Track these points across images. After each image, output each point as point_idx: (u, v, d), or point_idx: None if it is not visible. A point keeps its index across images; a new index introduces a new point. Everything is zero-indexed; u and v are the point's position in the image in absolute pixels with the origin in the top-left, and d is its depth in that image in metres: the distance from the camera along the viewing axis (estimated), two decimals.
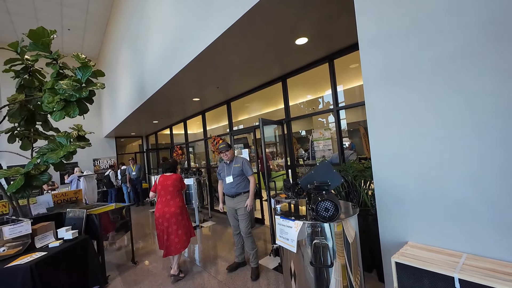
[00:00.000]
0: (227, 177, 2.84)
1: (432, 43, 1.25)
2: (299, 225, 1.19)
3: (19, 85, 3.49)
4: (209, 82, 4.01)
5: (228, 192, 2.86)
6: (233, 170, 2.83)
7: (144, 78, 4.85)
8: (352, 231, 1.33)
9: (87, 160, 8.91)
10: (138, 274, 3.08)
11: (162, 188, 3.01)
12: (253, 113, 8.08)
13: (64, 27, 7.17)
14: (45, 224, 2.72)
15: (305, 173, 1.58)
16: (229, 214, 2.93)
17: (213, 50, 2.80)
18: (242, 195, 2.82)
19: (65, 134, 3.35)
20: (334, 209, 1.21)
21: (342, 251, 1.26)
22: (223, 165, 2.97)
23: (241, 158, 2.91)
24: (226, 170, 2.88)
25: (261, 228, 4.48)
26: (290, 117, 3.99)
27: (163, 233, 2.91)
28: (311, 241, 1.26)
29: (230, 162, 2.89)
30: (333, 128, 8.70)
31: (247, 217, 2.81)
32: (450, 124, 1.20)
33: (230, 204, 2.87)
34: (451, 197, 1.19)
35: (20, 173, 2.91)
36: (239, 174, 2.81)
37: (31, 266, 2.14)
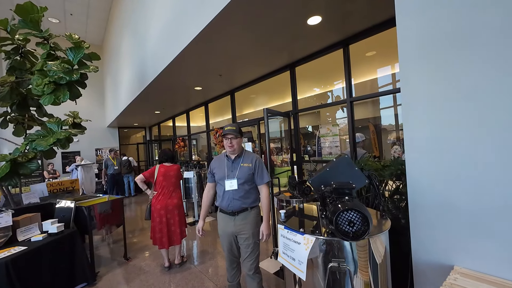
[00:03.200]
0: (228, 181, 1.80)
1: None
2: (310, 242, 0.86)
3: (9, 66, 3.28)
4: (210, 69, 3.73)
5: (227, 206, 1.81)
6: (239, 171, 1.81)
7: (144, 64, 4.60)
8: (382, 249, 0.97)
9: (89, 149, 8.81)
10: (130, 271, 2.89)
11: (165, 179, 2.80)
12: (258, 107, 7.76)
13: (67, 11, 6.95)
14: (30, 216, 2.53)
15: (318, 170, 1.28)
16: (224, 237, 1.89)
17: (212, 32, 2.51)
18: (249, 213, 1.83)
19: (56, 120, 3.14)
20: (362, 223, 0.84)
21: (367, 278, 0.91)
22: (221, 160, 1.91)
23: (254, 154, 1.93)
24: (227, 170, 1.85)
25: None
26: (298, 109, 3.68)
27: (163, 225, 2.76)
28: (325, 264, 0.91)
29: (236, 158, 1.86)
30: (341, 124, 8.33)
31: (256, 248, 1.85)
32: None
33: (228, 227, 1.84)
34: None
35: (6, 159, 2.72)
36: (248, 178, 1.81)
37: (6, 263, 1.94)
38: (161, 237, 2.78)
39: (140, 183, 2.86)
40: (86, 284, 2.59)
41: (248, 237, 1.81)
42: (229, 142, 1.82)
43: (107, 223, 3.15)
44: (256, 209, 1.90)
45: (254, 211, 1.88)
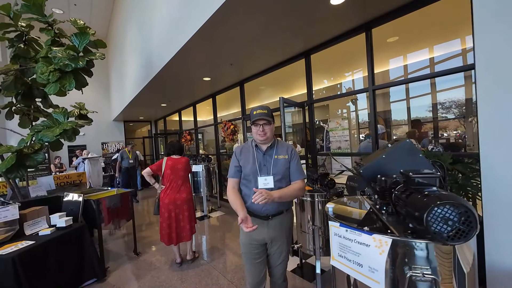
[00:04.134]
0: (261, 177, 1.45)
1: None
2: (386, 245, 0.66)
3: (13, 54, 3.15)
4: (221, 58, 3.54)
5: (260, 209, 1.46)
6: (275, 165, 1.47)
7: (150, 54, 4.44)
8: (470, 256, 0.77)
9: (96, 143, 8.77)
10: (140, 267, 2.79)
11: (172, 173, 2.67)
12: (265, 100, 7.57)
13: (71, 2, 6.79)
14: (37, 209, 2.43)
15: (367, 159, 1.09)
16: (251, 247, 1.52)
17: (223, 15, 2.32)
18: (285, 216, 1.53)
19: (62, 111, 3.01)
20: (463, 221, 0.61)
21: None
22: (248, 151, 1.54)
23: (288, 144, 1.61)
24: (259, 163, 1.49)
25: None
26: (313, 99, 3.49)
27: (172, 221, 2.65)
28: (400, 272, 0.71)
29: (269, 149, 1.51)
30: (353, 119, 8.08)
31: (287, 254, 1.59)
32: None
33: (260, 234, 1.48)
34: None
35: (12, 150, 2.61)
36: (285, 174, 1.49)
37: (13, 258, 1.84)
38: (170, 232, 2.66)
39: (147, 176, 2.74)
40: (96, 280, 2.50)
41: (282, 244, 1.53)
42: (260, 129, 1.43)
43: (116, 217, 3.05)
44: (291, 211, 1.61)
45: (289, 214, 1.59)
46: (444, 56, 4.67)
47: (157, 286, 2.40)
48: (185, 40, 2.98)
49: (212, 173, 4.95)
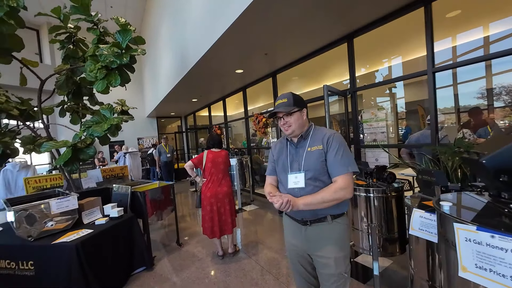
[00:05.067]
0: (291, 175, 1.26)
1: None
2: None
3: (64, 55, 3.37)
4: (256, 48, 3.42)
5: (295, 211, 1.22)
6: (306, 159, 1.24)
7: (184, 50, 4.48)
8: None
9: (132, 138, 9.30)
10: (184, 257, 2.86)
11: (213, 166, 2.66)
12: (297, 91, 7.29)
13: (107, 4, 7.14)
14: (92, 200, 2.58)
15: (489, 147, 0.89)
16: (291, 252, 1.36)
17: (265, 1, 2.18)
18: (329, 225, 1.23)
19: (108, 107, 3.16)
20: None
21: None
22: (283, 145, 1.37)
23: (327, 130, 1.30)
24: (290, 159, 1.30)
25: None
26: (356, 87, 3.22)
27: (214, 214, 2.64)
28: None
29: (301, 140, 1.29)
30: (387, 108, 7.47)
31: (343, 283, 1.24)
32: None
33: (297, 239, 1.30)
34: None
35: (67, 145, 2.80)
36: (321, 169, 1.21)
37: (77, 245, 1.96)
38: (212, 226, 2.67)
39: (189, 170, 2.75)
40: (145, 268, 2.61)
41: (328, 263, 1.21)
42: (282, 122, 1.27)
43: (159, 208, 3.16)
44: (342, 220, 1.25)
45: (338, 223, 1.23)
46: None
47: (202, 277, 2.42)
48: (220, 32, 2.92)
49: (245, 167, 4.92)
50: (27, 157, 6.54)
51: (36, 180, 3.93)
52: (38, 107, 3.28)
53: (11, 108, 3.22)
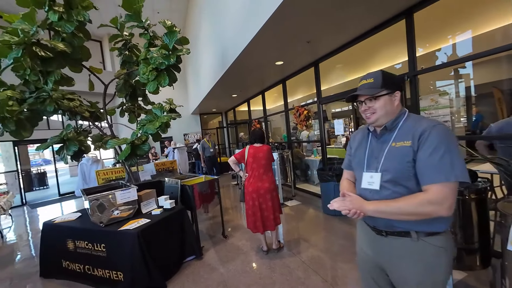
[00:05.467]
0: (367, 173, 1.05)
1: None
2: None
3: (121, 61, 3.74)
4: (297, 36, 3.24)
5: (368, 218, 1.04)
6: (388, 156, 0.99)
7: (224, 47, 4.54)
8: None
9: (179, 134, 10.03)
10: (230, 249, 2.95)
11: (254, 161, 2.65)
12: (342, 79, 6.77)
13: (154, 11, 7.70)
14: (148, 192, 2.83)
15: None
16: (362, 260, 1.16)
17: None
18: (414, 244, 0.95)
19: (159, 106, 3.40)
20: None
21: None
22: (364, 135, 1.15)
23: (424, 121, 0.96)
24: (370, 152, 1.08)
25: None
26: (417, 70, 2.79)
27: (256, 209, 2.64)
28: None
29: (386, 132, 1.03)
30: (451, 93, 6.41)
31: None
32: None
33: (368, 246, 1.10)
34: None
35: (127, 142, 3.12)
36: (403, 172, 0.94)
37: (138, 233, 2.17)
38: (255, 220, 2.67)
39: (232, 164, 2.79)
40: (195, 257, 2.77)
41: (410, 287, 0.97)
42: (363, 108, 1.03)
43: (205, 201, 3.31)
44: (437, 241, 0.93)
45: (428, 244, 0.93)
46: None
47: (247, 271, 2.45)
48: (260, 24, 2.84)
49: (286, 161, 4.82)
50: (97, 153, 7.63)
51: (105, 173, 4.53)
52: (103, 109, 3.72)
53: (83, 111, 3.73)
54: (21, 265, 3.16)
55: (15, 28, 2.36)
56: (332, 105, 9.96)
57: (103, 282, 2.36)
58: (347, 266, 2.37)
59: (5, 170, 8.28)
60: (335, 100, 4.40)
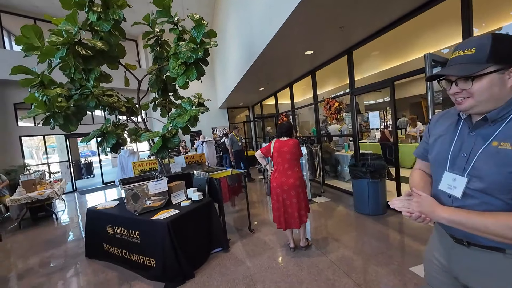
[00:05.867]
0: (449, 174, 0.82)
1: None
2: None
3: (153, 57, 3.89)
4: (329, 22, 3.01)
5: (447, 226, 0.81)
6: (482, 157, 0.74)
7: (251, 38, 4.45)
8: None
9: (208, 128, 10.31)
10: (256, 244, 2.93)
11: (279, 155, 2.55)
12: (377, 69, 6.27)
13: (184, 7, 7.88)
14: (178, 183, 2.92)
15: None
16: (434, 275, 0.94)
17: None
18: (504, 260, 0.73)
19: (188, 100, 3.47)
20: None
21: None
22: (450, 122, 0.87)
23: None
24: (457, 147, 0.81)
25: (395, 216, 3.35)
26: None
27: (280, 205, 2.56)
28: None
29: (484, 124, 0.76)
30: None
31: None
32: None
33: (442, 253, 0.91)
34: None
35: (158, 135, 3.25)
36: (501, 184, 0.69)
37: (168, 223, 2.24)
38: (279, 216, 2.59)
39: (259, 158, 2.73)
40: (222, 249, 2.80)
41: None
42: (453, 90, 0.77)
43: (232, 194, 3.32)
44: None
45: None
46: None
47: (274, 267, 2.40)
48: (288, 12, 2.68)
49: (315, 156, 4.63)
50: (133, 145, 8.21)
51: (140, 164, 4.82)
52: (138, 104, 3.93)
53: (121, 106, 3.98)
54: (72, 245, 3.54)
55: (60, 30, 2.56)
56: (365, 97, 9.31)
57: (138, 267, 2.51)
58: (383, 270, 2.18)
59: (60, 160, 9.39)
60: (370, 91, 4.05)
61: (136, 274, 2.48)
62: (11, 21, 7.21)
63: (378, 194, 3.36)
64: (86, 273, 2.69)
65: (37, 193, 4.63)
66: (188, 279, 2.29)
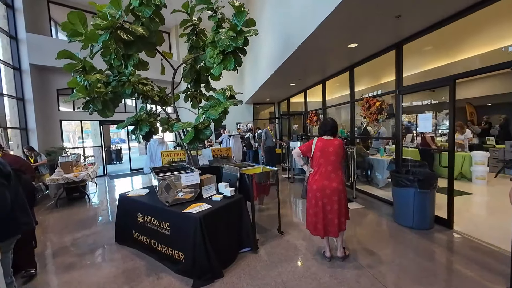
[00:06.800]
0: None
1: None
2: None
3: (189, 46, 3.82)
4: (385, 8, 2.68)
5: None
6: None
7: (288, 31, 4.21)
8: None
9: (232, 123, 10.26)
10: (286, 248, 2.74)
11: (322, 156, 2.32)
12: (412, 70, 5.67)
13: None
14: (209, 177, 2.82)
15: None
16: None
17: None
18: None
19: (222, 91, 3.35)
20: None
21: None
22: None
23: None
24: None
25: (443, 233, 2.96)
26: None
27: (319, 210, 2.34)
28: None
29: None
30: None
31: None
32: None
33: None
34: None
35: (191, 126, 3.18)
36: None
37: (200, 218, 2.13)
38: (316, 222, 2.36)
39: (296, 156, 2.52)
40: (250, 249, 2.66)
41: None
42: None
43: (262, 192, 3.16)
44: None
45: None
46: None
47: (309, 276, 2.20)
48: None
49: (349, 158, 4.30)
50: (161, 135, 8.41)
51: (168, 154, 4.84)
52: (172, 93, 3.90)
53: (154, 95, 3.99)
54: (102, 228, 3.63)
55: (105, 13, 2.54)
56: (404, 98, 8.60)
57: (166, 258, 2.45)
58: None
59: (93, 145, 9.94)
60: (420, 91, 3.62)
61: (164, 266, 2.42)
62: (58, 11, 7.67)
63: (426, 206, 2.99)
64: (115, 258, 2.69)
65: (73, 174, 4.86)
66: (217, 278, 2.17)
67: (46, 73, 7.08)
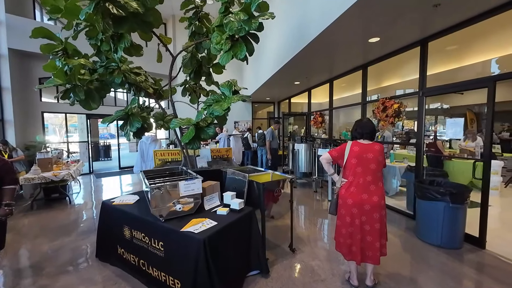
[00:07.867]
0: None
1: None
2: None
3: (190, 32, 3.35)
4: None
5: None
6: None
7: (302, 23, 3.81)
8: None
9: (230, 121, 9.76)
10: (302, 271, 2.33)
11: (359, 164, 1.91)
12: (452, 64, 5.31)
13: None
14: (212, 184, 2.38)
15: None
16: None
17: None
18: None
19: (228, 84, 2.90)
20: None
21: None
22: None
23: None
24: None
25: (476, 254, 2.62)
26: None
27: (356, 230, 1.93)
28: None
29: None
30: None
31: None
32: None
33: None
34: None
35: (191, 123, 2.72)
36: None
37: (204, 240, 1.69)
38: (351, 244, 1.96)
39: (325, 164, 2.11)
40: (259, 272, 2.23)
41: None
42: None
43: (272, 201, 2.74)
44: None
45: None
46: None
47: None
48: None
49: None
50: (154, 132, 7.85)
51: (162, 153, 4.34)
52: (169, 84, 3.42)
53: (148, 87, 3.49)
54: (82, 237, 3.11)
55: None
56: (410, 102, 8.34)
57: (157, 284, 1.99)
58: None
59: (79, 140, 9.26)
60: (447, 93, 3.28)
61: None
62: None
63: (457, 223, 2.65)
64: (95, 280, 2.21)
65: (52, 173, 4.29)
66: None
67: (27, 59, 6.42)
